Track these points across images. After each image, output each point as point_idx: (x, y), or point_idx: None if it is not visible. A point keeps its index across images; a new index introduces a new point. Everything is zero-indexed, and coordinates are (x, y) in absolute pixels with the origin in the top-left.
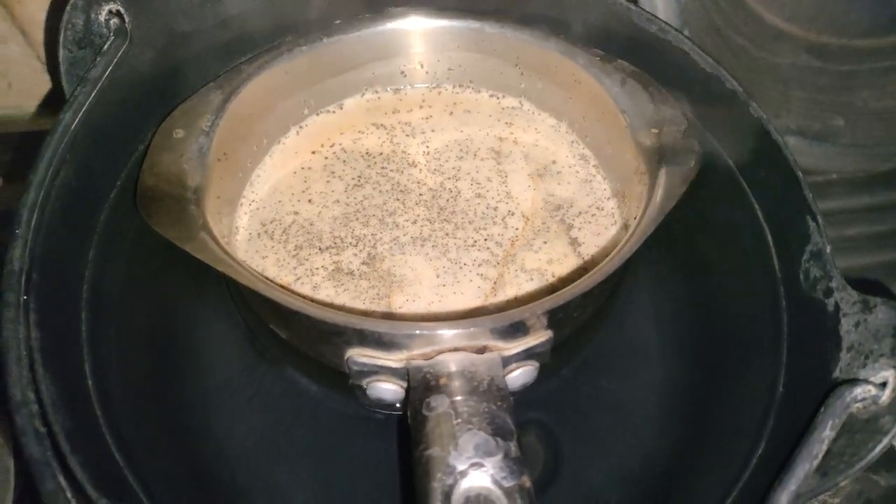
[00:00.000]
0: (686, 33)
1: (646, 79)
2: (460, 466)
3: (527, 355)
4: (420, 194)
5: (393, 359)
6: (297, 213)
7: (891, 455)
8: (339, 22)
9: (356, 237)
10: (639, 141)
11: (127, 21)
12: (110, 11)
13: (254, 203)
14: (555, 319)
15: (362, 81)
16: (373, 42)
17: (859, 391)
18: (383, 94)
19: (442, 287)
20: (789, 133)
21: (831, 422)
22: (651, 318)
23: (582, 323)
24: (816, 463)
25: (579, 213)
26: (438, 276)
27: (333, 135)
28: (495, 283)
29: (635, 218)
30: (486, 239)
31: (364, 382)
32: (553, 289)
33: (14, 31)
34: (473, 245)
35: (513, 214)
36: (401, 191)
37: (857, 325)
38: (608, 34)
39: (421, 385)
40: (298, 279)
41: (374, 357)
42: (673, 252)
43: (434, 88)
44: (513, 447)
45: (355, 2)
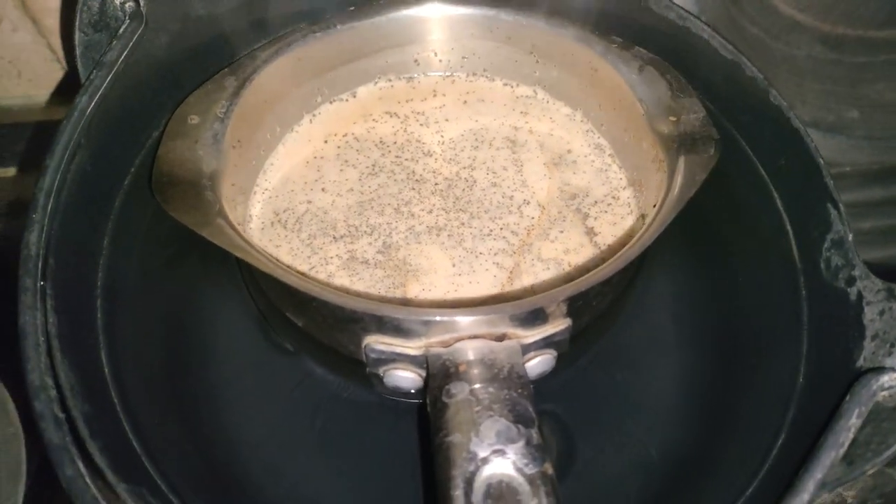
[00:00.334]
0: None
1: (664, 66)
2: (482, 453)
3: (545, 343)
4: (436, 184)
5: (411, 346)
6: (311, 202)
7: None
8: (353, 9)
9: (371, 226)
10: (657, 129)
11: (142, 4)
12: None
13: (267, 191)
14: (574, 307)
15: (375, 69)
16: (386, 29)
17: (886, 379)
18: (396, 83)
19: (458, 276)
20: (803, 125)
21: (857, 410)
22: (668, 309)
23: (600, 312)
24: (843, 451)
25: (595, 203)
26: (454, 266)
27: (346, 123)
28: (511, 273)
29: (654, 206)
30: (502, 228)
31: (381, 370)
32: (569, 278)
33: (25, 20)
34: (489, 234)
35: (528, 203)
36: (416, 180)
37: (882, 314)
38: (625, 21)
39: (440, 372)
40: (312, 268)
41: (393, 344)
42: (690, 241)
43: (447, 77)
44: (534, 434)
45: None
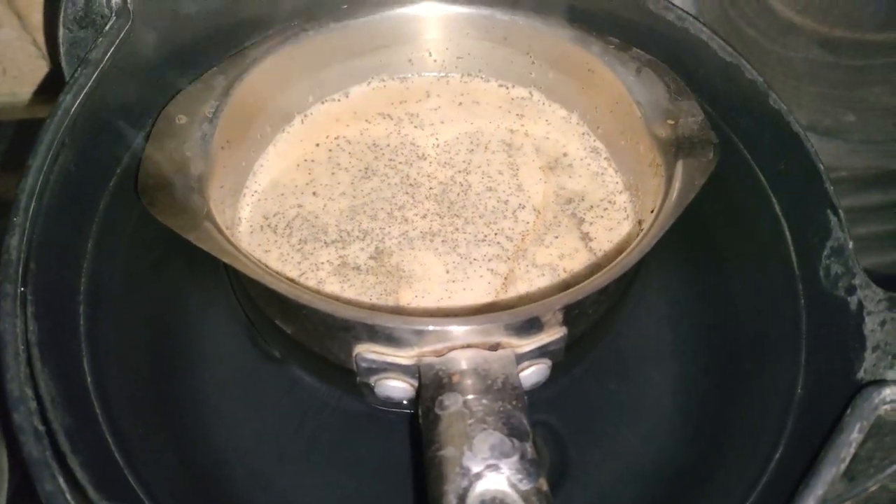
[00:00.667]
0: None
1: (662, 68)
2: (475, 468)
3: (540, 353)
4: (430, 188)
5: (403, 355)
6: (302, 206)
7: None
8: (347, 7)
9: (363, 231)
10: (654, 132)
11: (129, 1)
12: None
13: (256, 194)
14: (570, 316)
15: (369, 69)
16: (380, 28)
17: (888, 392)
18: (390, 83)
19: (452, 283)
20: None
21: (859, 424)
22: (664, 316)
23: (596, 320)
24: (843, 467)
25: (591, 207)
26: (448, 272)
27: (339, 124)
28: (506, 279)
29: (652, 212)
30: (497, 233)
31: (372, 380)
32: (565, 284)
33: (10, 15)
34: (484, 240)
35: (524, 208)
36: (410, 184)
37: (884, 324)
38: (623, 22)
39: (433, 383)
40: (303, 274)
41: (384, 353)
42: (686, 246)
43: (442, 77)
44: (529, 448)
45: None
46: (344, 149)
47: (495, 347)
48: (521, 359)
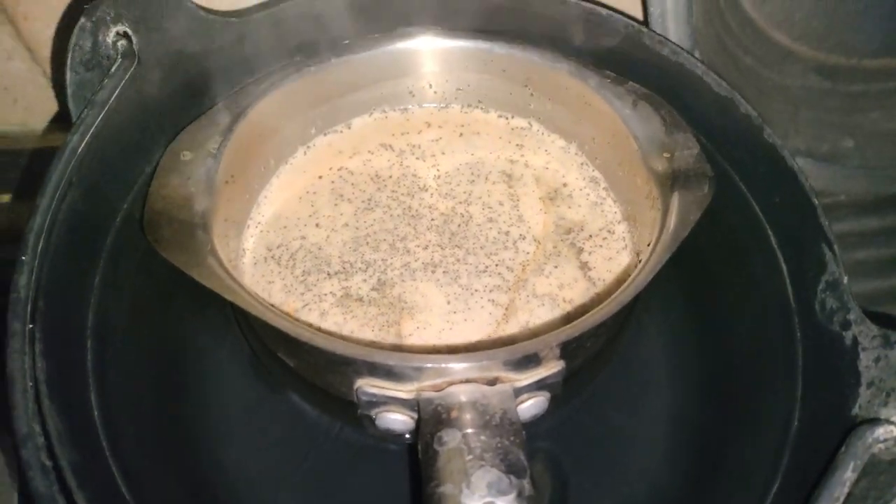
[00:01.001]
0: (697, 54)
1: (658, 101)
2: None
3: (538, 386)
4: (432, 219)
5: (403, 390)
6: (305, 238)
7: None
8: (348, 42)
9: (366, 262)
10: (650, 165)
11: (135, 43)
12: (118, 33)
13: (260, 225)
14: (567, 350)
15: (371, 101)
16: (381, 62)
17: (881, 431)
18: (391, 114)
19: (453, 314)
20: (797, 154)
21: (853, 463)
22: (660, 349)
23: (593, 354)
24: None
25: (590, 237)
26: (449, 303)
27: (341, 156)
28: (507, 310)
29: (648, 244)
30: (498, 264)
31: (373, 413)
32: (565, 314)
33: (20, 48)
34: (485, 271)
35: (524, 238)
36: (412, 215)
37: (878, 361)
38: (619, 56)
39: (432, 418)
40: (306, 305)
41: (384, 388)
42: (683, 280)
43: (442, 108)
44: (526, 485)
45: (364, 22)
46: (346, 180)
47: (493, 382)
48: (520, 392)
